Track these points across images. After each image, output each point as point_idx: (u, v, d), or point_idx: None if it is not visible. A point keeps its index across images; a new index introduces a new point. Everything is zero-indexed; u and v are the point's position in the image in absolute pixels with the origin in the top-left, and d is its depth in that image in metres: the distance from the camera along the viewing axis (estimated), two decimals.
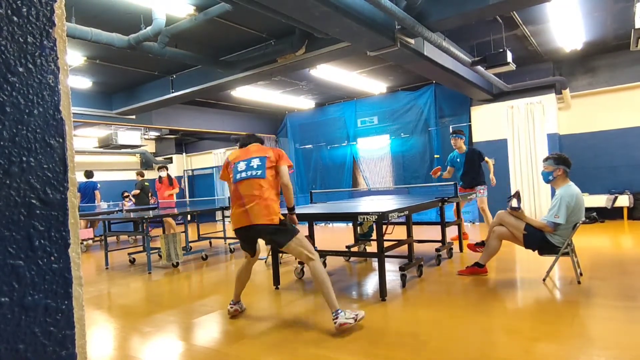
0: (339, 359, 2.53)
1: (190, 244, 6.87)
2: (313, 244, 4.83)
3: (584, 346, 2.52)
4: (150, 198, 9.83)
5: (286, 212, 3.24)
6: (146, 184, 9.64)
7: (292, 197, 3.17)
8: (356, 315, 2.90)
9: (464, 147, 6.44)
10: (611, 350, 2.42)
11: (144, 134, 11.69)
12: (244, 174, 3.06)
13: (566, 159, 3.85)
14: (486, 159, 6.44)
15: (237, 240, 7.07)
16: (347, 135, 10.27)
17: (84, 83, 7.07)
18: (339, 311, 2.87)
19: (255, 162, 3.08)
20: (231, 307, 3.42)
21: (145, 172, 13.89)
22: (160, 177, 8.69)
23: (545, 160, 3.94)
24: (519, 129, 8.09)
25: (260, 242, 3.36)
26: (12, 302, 0.56)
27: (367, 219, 3.56)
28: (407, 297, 3.72)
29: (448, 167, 6.68)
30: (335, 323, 2.84)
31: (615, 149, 7.58)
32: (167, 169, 8.86)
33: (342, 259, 5.55)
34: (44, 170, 0.61)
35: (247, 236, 3.14)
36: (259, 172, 3.03)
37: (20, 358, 0.57)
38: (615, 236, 6.24)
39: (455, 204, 5.82)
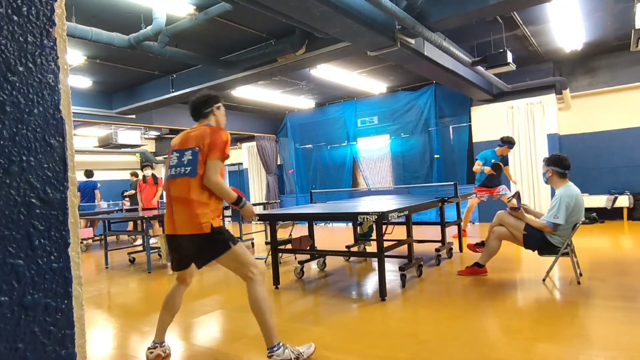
0: (337, 358, 2.53)
1: None
2: (313, 243, 4.83)
3: (583, 347, 2.52)
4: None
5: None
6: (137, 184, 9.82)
7: (227, 192, 2.46)
8: (299, 353, 2.46)
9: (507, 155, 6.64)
10: (610, 350, 2.42)
11: (144, 134, 11.69)
12: (173, 171, 2.50)
13: (559, 159, 3.82)
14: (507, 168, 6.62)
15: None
16: (347, 135, 10.27)
17: (84, 82, 7.07)
18: (275, 348, 2.42)
19: (187, 156, 2.47)
20: (151, 352, 2.60)
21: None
22: (144, 176, 8.33)
23: (543, 160, 3.98)
24: (519, 129, 8.09)
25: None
26: (12, 301, 0.56)
27: (367, 219, 3.56)
28: (407, 297, 3.72)
29: (479, 161, 6.64)
30: None
31: (615, 150, 7.58)
32: (152, 168, 8.51)
33: (342, 258, 5.55)
34: (44, 170, 0.61)
35: (176, 247, 2.56)
36: (188, 169, 2.43)
37: (19, 357, 0.57)
38: (615, 237, 6.24)
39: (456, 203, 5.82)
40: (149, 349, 2.63)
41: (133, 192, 9.65)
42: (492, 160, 6.45)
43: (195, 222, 2.38)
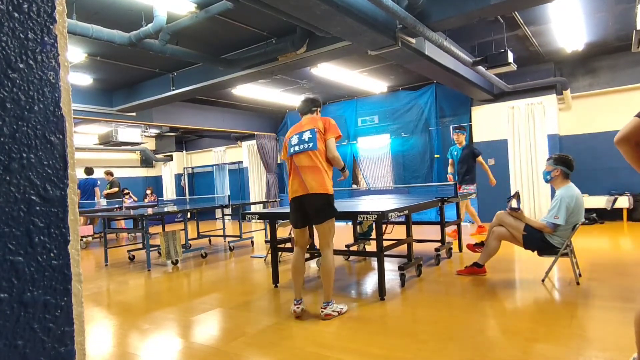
0: (336, 357, 2.54)
1: (190, 242, 6.87)
2: (313, 242, 4.84)
3: (581, 347, 2.52)
4: (124, 195, 10.31)
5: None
6: (117, 182, 10.12)
7: (340, 161, 3.33)
8: (341, 309, 3.29)
9: (464, 143, 6.69)
10: (609, 351, 2.42)
11: (144, 132, 11.69)
12: (297, 148, 3.29)
13: (567, 160, 3.83)
14: (479, 158, 6.54)
15: (236, 238, 7.12)
16: (348, 134, 10.27)
17: (85, 80, 7.06)
18: (330, 303, 3.24)
19: (306, 135, 3.28)
20: (297, 307, 3.30)
21: (145, 169, 13.97)
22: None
23: (548, 159, 3.96)
24: (520, 129, 8.09)
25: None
26: (11, 298, 0.56)
27: (366, 218, 3.56)
28: (406, 296, 3.72)
29: (449, 161, 6.85)
30: (322, 312, 3.21)
31: (616, 151, 7.51)
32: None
33: (341, 257, 5.56)
34: (44, 167, 0.61)
35: (301, 207, 3.29)
36: (311, 144, 3.23)
37: (19, 354, 0.57)
38: (614, 237, 6.24)
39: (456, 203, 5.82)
40: (295, 305, 3.33)
41: (116, 189, 9.79)
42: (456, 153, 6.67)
43: (322, 184, 3.19)
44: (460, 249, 5.56)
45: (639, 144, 1.74)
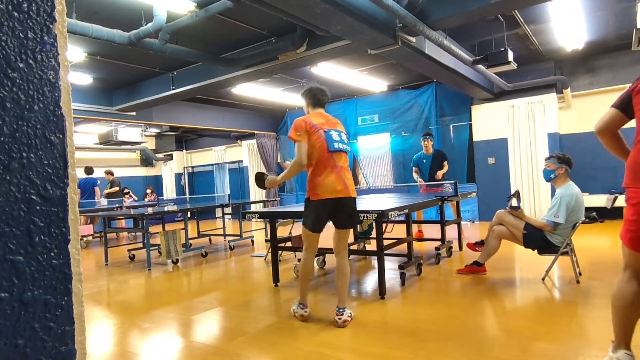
0: (337, 357, 2.54)
1: (190, 241, 6.87)
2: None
3: (581, 346, 2.52)
4: (124, 195, 10.35)
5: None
6: (118, 181, 10.14)
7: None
8: (350, 313, 3.15)
9: (432, 150, 6.71)
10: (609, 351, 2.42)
11: (144, 131, 11.69)
12: (341, 146, 3.11)
13: (569, 158, 3.85)
14: (445, 163, 6.56)
15: (236, 237, 7.12)
16: (348, 133, 10.27)
17: (85, 79, 7.06)
18: (345, 309, 3.10)
19: (343, 136, 3.21)
20: (305, 312, 3.21)
21: (145, 169, 13.96)
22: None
23: (548, 158, 3.94)
24: (520, 128, 8.09)
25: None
26: (12, 297, 0.56)
27: (367, 217, 3.56)
28: (406, 295, 3.73)
29: (414, 168, 6.85)
30: (340, 319, 3.03)
31: None
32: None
33: None
34: (44, 166, 0.61)
35: (334, 209, 3.03)
36: (348, 147, 3.23)
37: (19, 353, 0.57)
38: (614, 236, 6.24)
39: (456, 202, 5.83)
40: (302, 309, 3.22)
41: (117, 189, 9.81)
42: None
43: (354, 188, 3.14)
44: (461, 248, 5.56)
45: (616, 134, 1.89)
